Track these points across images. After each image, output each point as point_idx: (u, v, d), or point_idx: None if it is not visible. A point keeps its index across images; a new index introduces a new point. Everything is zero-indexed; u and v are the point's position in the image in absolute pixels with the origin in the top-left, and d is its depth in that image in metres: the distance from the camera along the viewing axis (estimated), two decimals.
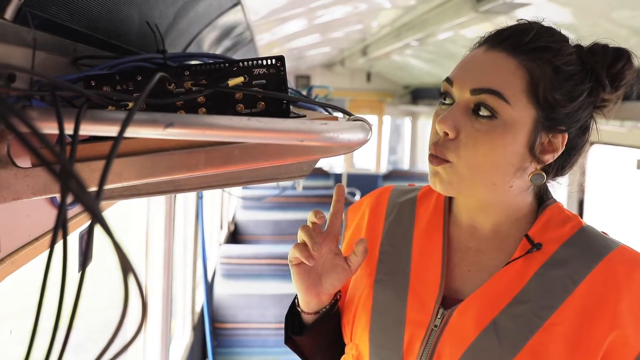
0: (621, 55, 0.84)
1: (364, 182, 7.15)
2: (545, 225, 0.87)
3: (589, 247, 0.84)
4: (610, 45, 0.84)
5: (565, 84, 0.81)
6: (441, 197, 0.97)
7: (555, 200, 0.91)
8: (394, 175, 6.97)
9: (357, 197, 5.89)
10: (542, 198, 0.91)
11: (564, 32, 0.86)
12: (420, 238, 0.94)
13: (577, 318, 0.79)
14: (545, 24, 0.86)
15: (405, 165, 7.85)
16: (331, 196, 0.96)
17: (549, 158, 0.83)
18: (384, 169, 7.59)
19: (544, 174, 0.84)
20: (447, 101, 0.86)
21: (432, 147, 0.84)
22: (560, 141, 0.83)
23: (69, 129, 0.50)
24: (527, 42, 0.81)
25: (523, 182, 0.85)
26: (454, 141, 0.81)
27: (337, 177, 7.02)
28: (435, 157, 0.83)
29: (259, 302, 3.49)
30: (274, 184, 4.44)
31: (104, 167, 0.39)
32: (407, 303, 0.88)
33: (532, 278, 0.83)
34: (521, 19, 0.87)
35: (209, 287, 3.39)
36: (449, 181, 0.84)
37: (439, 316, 0.85)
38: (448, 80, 0.85)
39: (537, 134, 0.81)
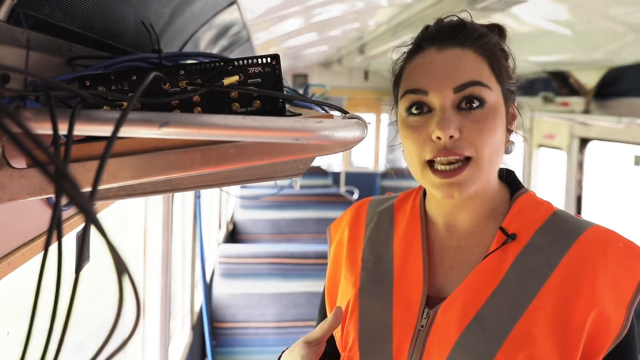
0: (504, 31, 0.93)
1: (362, 181, 7.15)
2: (518, 215, 0.89)
3: (563, 230, 0.86)
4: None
5: (504, 58, 0.90)
6: (417, 201, 0.98)
7: (526, 190, 0.93)
8: (391, 174, 6.96)
9: (356, 196, 5.89)
10: (514, 189, 0.93)
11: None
12: (400, 242, 0.95)
13: (558, 300, 0.80)
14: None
15: (403, 163, 7.86)
16: (329, 194, 0.98)
17: (513, 126, 0.91)
18: (382, 167, 7.59)
19: (513, 142, 0.91)
20: (416, 111, 0.86)
21: (438, 154, 0.82)
22: (516, 108, 0.91)
23: (63, 129, 0.50)
24: (470, 34, 0.87)
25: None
26: (459, 140, 0.82)
27: (335, 176, 7.02)
28: (450, 172, 0.82)
29: (258, 301, 3.49)
30: (271, 183, 4.44)
31: (97, 167, 0.39)
32: (393, 307, 0.90)
33: (510, 268, 0.84)
34: (449, 16, 0.93)
35: (208, 287, 3.39)
36: (471, 178, 0.82)
37: (424, 316, 0.87)
38: (418, 91, 0.85)
39: (506, 107, 0.88)
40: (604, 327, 0.79)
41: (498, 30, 0.93)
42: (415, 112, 0.86)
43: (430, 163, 0.84)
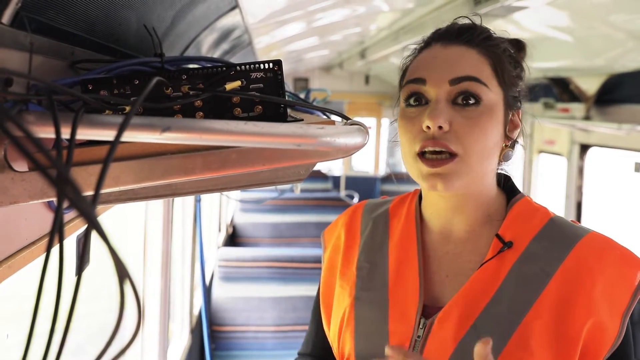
0: (523, 45, 0.95)
1: (362, 185, 7.14)
2: (514, 222, 0.88)
3: (559, 237, 0.86)
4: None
5: (512, 65, 0.89)
6: (412, 206, 0.97)
7: (523, 195, 0.92)
8: (392, 177, 6.96)
9: (356, 200, 5.88)
10: (510, 194, 0.93)
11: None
12: (395, 250, 0.94)
13: (555, 309, 0.80)
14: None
15: (403, 168, 7.84)
16: (329, 199, 0.98)
17: (514, 134, 0.90)
18: (382, 171, 7.59)
19: (511, 150, 0.90)
20: (414, 102, 0.86)
21: (426, 143, 0.82)
22: (518, 117, 0.90)
23: (65, 133, 0.50)
24: (477, 35, 0.87)
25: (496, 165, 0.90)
26: (448, 133, 0.82)
27: (336, 180, 7.01)
28: (436, 161, 0.82)
29: (258, 305, 3.48)
30: (272, 186, 4.42)
31: (100, 172, 0.39)
32: (389, 317, 0.89)
33: (507, 276, 0.84)
34: (461, 17, 0.93)
35: (207, 290, 3.39)
36: (456, 172, 0.82)
37: (420, 326, 0.86)
38: (417, 80, 0.86)
39: (507, 112, 0.87)
40: (600, 336, 0.79)
41: (517, 44, 0.93)
42: (413, 103, 0.86)
43: (421, 155, 0.84)
